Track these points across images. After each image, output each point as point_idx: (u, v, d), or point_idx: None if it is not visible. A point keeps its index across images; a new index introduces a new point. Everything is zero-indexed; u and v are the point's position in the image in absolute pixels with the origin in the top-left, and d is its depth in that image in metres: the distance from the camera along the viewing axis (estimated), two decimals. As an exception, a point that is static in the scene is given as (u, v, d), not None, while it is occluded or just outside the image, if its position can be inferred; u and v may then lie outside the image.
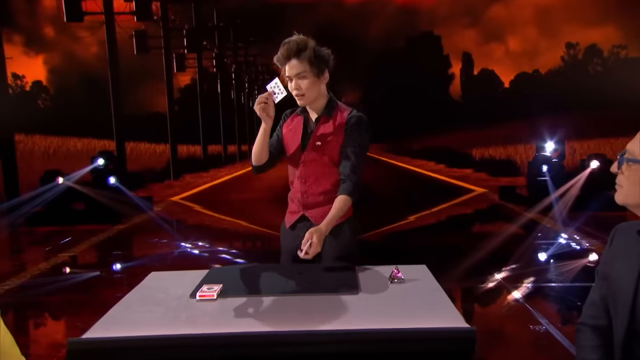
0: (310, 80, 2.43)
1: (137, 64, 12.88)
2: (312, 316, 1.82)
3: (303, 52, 2.39)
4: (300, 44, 2.40)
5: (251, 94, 16.00)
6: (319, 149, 2.47)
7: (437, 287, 2.12)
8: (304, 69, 2.41)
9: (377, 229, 7.66)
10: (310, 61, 2.40)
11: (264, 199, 10.50)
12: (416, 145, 14.54)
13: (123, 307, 1.97)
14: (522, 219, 8.08)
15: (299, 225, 2.57)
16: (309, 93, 2.44)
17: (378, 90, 14.46)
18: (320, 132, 2.48)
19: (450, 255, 5.86)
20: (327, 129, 2.48)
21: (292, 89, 2.44)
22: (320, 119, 2.50)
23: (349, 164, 2.43)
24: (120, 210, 8.75)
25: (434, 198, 10.75)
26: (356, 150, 2.44)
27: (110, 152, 10.08)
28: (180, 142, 13.73)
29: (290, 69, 2.41)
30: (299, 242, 2.51)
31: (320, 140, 2.47)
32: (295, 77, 2.42)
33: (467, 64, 14.44)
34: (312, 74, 2.42)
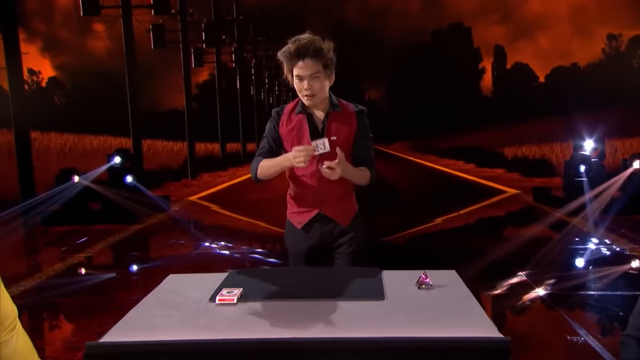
0: (322, 82, 2.47)
1: (155, 59, 13.03)
2: (336, 323, 1.82)
3: (319, 54, 2.42)
4: (317, 44, 2.41)
5: (271, 89, 16.06)
6: (335, 143, 2.49)
7: (468, 293, 2.10)
8: (318, 70, 2.44)
9: (402, 231, 7.62)
10: (326, 63, 2.45)
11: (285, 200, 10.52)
12: (444, 143, 14.43)
13: (141, 311, 1.99)
14: (557, 222, 7.96)
15: (314, 225, 2.60)
16: (319, 94, 2.49)
17: (403, 86, 14.38)
18: (334, 126, 2.54)
19: (480, 259, 5.80)
20: (341, 123, 2.54)
21: (301, 88, 2.46)
22: (330, 114, 2.55)
23: (366, 152, 2.56)
24: (136, 210, 8.85)
25: (463, 199, 10.65)
26: (369, 142, 2.58)
27: (126, 150, 10.21)
28: (197, 139, 13.84)
29: (303, 69, 2.43)
30: (317, 242, 2.56)
31: (335, 134, 2.52)
32: (307, 77, 2.44)
33: (499, 57, 14.26)
34: (324, 75, 2.47)
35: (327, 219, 2.59)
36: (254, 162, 2.57)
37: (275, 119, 2.61)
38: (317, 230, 2.60)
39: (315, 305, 1.97)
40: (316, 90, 2.46)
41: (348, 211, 2.62)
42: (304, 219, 2.62)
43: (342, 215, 2.60)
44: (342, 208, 2.59)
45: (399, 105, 13.71)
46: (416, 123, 13.75)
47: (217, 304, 2.01)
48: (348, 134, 2.53)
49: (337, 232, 2.60)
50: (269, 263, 6.26)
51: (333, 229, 2.60)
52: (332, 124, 2.54)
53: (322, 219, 2.59)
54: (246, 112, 15.12)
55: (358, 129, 2.54)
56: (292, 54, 2.42)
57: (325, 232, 2.60)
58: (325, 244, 2.62)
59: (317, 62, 2.41)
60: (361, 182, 2.56)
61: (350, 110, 2.57)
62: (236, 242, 7.41)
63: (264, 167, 2.52)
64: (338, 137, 2.51)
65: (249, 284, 2.17)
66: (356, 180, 2.54)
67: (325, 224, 2.60)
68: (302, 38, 2.42)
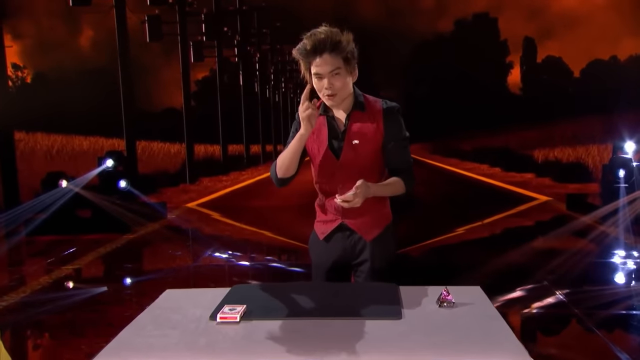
0: (344, 79, 2.43)
1: (150, 53, 13.11)
2: (348, 344, 1.81)
3: (338, 47, 2.38)
4: (335, 38, 2.38)
5: (277, 86, 16.11)
6: (357, 148, 2.48)
7: (494, 312, 2.09)
8: (338, 66, 2.40)
9: (420, 242, 7.59)
10: (346, 57, 2.40)
11: (292, 207, 10.52)
12: (467, 145, 14.39)
13: (135, 330, 2.00)
14: (594, 233, 7.91)
15: (335, 236, 2.59)
16: (342, 92, 2.45)
17: (421, 82, 14.37)
18: (355, 129, 2.49)
19: (508, 274, 5.77)
20: (364, 124, 2.49)
21: (321, 87, 2.43)
22: (352, 114, 2.51)
23: (400, 158, 2.51)
24: (130, 218, 8.89)
25: (488, 207, 10.61)
26: (404, 143, 2.52)
27: (119, 152, 10.25)
28: (197, 141, 13.89)
29: (321, 65, 2.39)
30: (338, 256, 2.55)
31: (357, 137, 2.48)
32: (327, 75, 2.41)
33: (529, 50, 14.20)
34: (346, 71, 2.42)
35: (350, 231, 2.56)
36: (272, 166, 2.56)
37: (299, 121, 2.60)
38: (339, 242, 2.58)
39: (326, 324, 1.97)
40: (337, 88, 2.42)
41: (375, 224, 2.57)
42: (326, 229, 2.60)
43: (366, 227, 2.56)
44: (368, 220, 2.55)
45: (417, 103, 13.69)
46: (436, 123, 13.72)
47: (218, 323, 2.01)
48: (373, 136, 2.48)
49: (361, 246, 2.56)
50: (276, 277, 6.25)
51: (356, 243, 2.57)
52: (354, 126, 2.49)
53: (344, 231, 2.57)
54: (250, 111, 15.17)
55: (386, 130, 2.48)
56: (308, 50, 2.38)
57: (348, 246, 2.57)
58: (347, 258, 2.60)
59: (337, 56, 2.38)
60: (394, 194, 2.53)
61: (377, 108, 2.50)
62: (239, 253, 7.40)
63: (280, 160, 2.50)
64: (361, 141, 2.47)
65: (253, 301, 2.17)
66: (386, 194, 2.52)
67: (347, 236, 2.57)
68: (318, 32, 2.39)
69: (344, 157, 2.49)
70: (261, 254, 7.65)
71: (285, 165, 2.49)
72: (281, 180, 2.55)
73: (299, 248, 7.50)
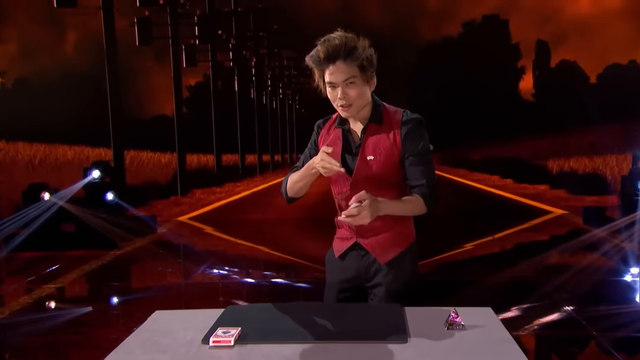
0: (360, 88, 2.42)
1: (140, 57, 13.14)
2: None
3: (353, 54, 2.37)
4: (350, 44, 2.37)
5: (275, 92, 16.13)
6: (372, 164, 2.47)
7: (506, 335, 2.08)
8: (353, 74, 2.39)
9: (427, 258, 7.58)
10: (362, 65, 2.39)
11: (290, 221, 10.51)
12: (476, 154, 14.38)
13: (122, 354, 1.99)
14: (612, 248, 7.89)
15: (350, 255, 2.58)
16: (358, 103, 2.44)
17: (428, 89, 14.40)
18: (371, 143, 2.48)
19: (520, 292, 5.75)
20: (380, 138, 2.48)
21: (335, 97, 2.43)
22: (368, 127, 2.50)
23: (420, 173, 2.45)
24: (117, 233, 8.87)
25: (499, 221, 10.62)
26: (425, 158, 2.46)
27: (106, 162, 10.27)
28: (189, 150, 13.89)
29: (335, 74, 2.38)
30: (351, 276, 2.56)
31: (372, 153, 2.47)
32: (341, 85, 2.39)
33: (542, 54, 14.24)
34: (362, 80, 2.42)
35: (365, 251, 2.55)
36: (283, 181, 2.58)
37: (315, 132, 2.63)
38: (353, 262, 2.57)
39: (326, 348, 1.96)
40: (353, 98, 2.41)
41: (391, 245, 2.54)
42: (342, 247, 2.60)
43: (382, 249, 2.53)
44: (384, 240, 2.53)
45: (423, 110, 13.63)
46: (443, 131, 13.72)
47: (210, 347, 2.00)
48: (389, 151, 2.46)
49: (375, 268, 2.55)
50: (273, 296, 6.25)
51: (370, 264, 2.55)
52: (370, 140, 2.48)
53: (359, 250, 2.56)
54: (245, 118, 15.18)
55: (404, 144, 2.45)
56: (321, 58, 2.37)
57: (362, 266, 2.56)
58: (360, 280, 2.58)
59: (352, 64, 2.37)
60: (412, 214, 2.49)
61: (396, 120, 2.49)
62: (234, 270, 7.39)
63: (291, 181, 2.52)
64: (376, 157, 2.46)
65: (248, 323, 2.16)
66: (401, 213, 2.46)
67: (362, 257, 2.56)
68: (332, 37, 2.37)
69: (357, 173, 2.48)
70: (258, 271, 7.63)
71: (296, 189, 2.52)
72: (291, 199, 2.58)
73: (298, 264, 7.50)
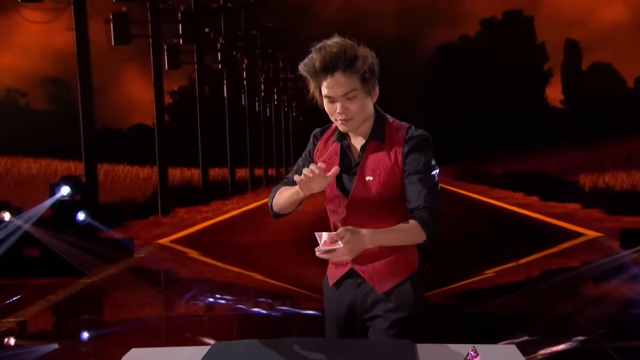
0: (361, 101, 2.43)
1: (115, 59, 13.18)
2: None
3: (354, 65, 2.38)
4: (349, 53, 2.37)
5: (269, 98, 16.18)
6: (370, 185, 2.47)
7: (534, 377, 2.05)
8: (354, 87, 2.40)
9: (442, 287, 7.56)
10: (363, 76, 2.40)
11: (286, 243, 10.51)
12: (497, 169, 14.41)
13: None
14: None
15: (345, 283, 2.60)
16: (359, 116, 2.46)
17: (442, 95, 14.43)
18: (370, 162, 2.50)
19: (549, 327, 5.73)
20: (380, 157, 2.49)
21: (333, 112, 2.44)
22: (368, 145, 2.51)
23: (418, 194, 2.41)
24: (89, 258, 8.85)
25: (524, 245, 10.60)
26: (426, 177, 2.44)
27: (76, 178, 10.26)
28: (171, 164, 13.91)
29: (334, 88, 2.39)
30: (348, 307, 2.57)
31: (371, 173, 2.48)
32: (340, 99, 2.41)
33: (572, 55, 14.29)
34: (363, 92, 2.43)
35: (362, 279, 2.56)
36: (271, 194, 2.61)
37: (311, 143, 2.64)
38: (348, 290, 2.59)
39: (326, 393, 1.93)
40: (353, 112, 2.43)
41: (390, 273, 2.55)
42: (336, 274, 2.63)
43: (379, 277, 2.55)
44: (382, 267, 2.54)
45: (437, 118, 13.73)
46: (460, 142, 13.74)
47: (192, 391, 1.98)
48: (390, 172, 2.47)
49: (373, 299, 2.56)
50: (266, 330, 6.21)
51: (367, 294, 2.57)
52: (369, 159, 2.50)
53: (355, 277, 2.58)
54: (236, 128, 15.21)
55: (405, 163, 2.45)
56: (317, 68, 2.38)
57: (358, 296, 2.58)
58: (358, 310, 2.59)
59: (352, 76, 2.38)
60: (407, 243, 2.46)
61: (399, 137, 2.50)
62: (222, 301, 7.39)
63: (277, 197, 2.56)
64: (375, 177, 2.47)
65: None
66: (393, 243, 2.43)
67: (358, 285, 2.58)
68: (328, 45, 2.38)
69: (354, 195, 2.49)
70: (249, 301, 7.59)
71: (280, 207, 2.56)
72: (277, 215, 2.61)
73: (294, 293, 7.48)
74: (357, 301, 2.58)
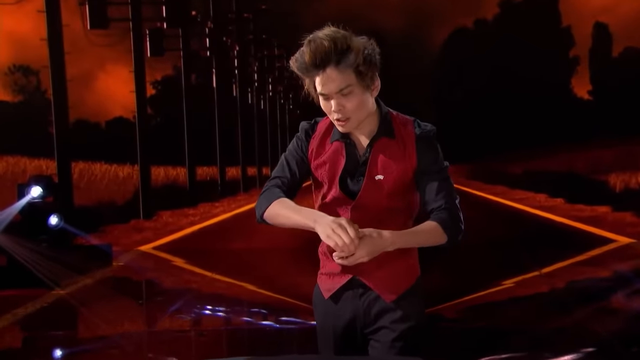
0: (359, 97, 2.44)
1: (92, 45, 13.17)
2: None
3: (347, 58, 2.39)
4: (341, 45, 2.38)
5: (263, 89, 16.18)
6: (381, 185, 2.49)
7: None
8: (349, 83, 2.42)
9: (455, 299, 7.56)
10: (358, 70, 2.41)
11: (283, 250, 10.50)
12: (517, 167, 14.43)
13: None
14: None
15: (346, 294, 2.60)
16: (357, 115, 2.47)
17: (456, 85, 14.44)
18: (380, 160, 2.52)
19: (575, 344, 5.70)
20: (391, 154, 2.52)
21: (329, 110, 2.46)
22: (377, 141, 2.53)
23: (440, 194, 2.51)
24: (62, 267, 8.83)
25: (547, 252, 10.59)
26: (444, 176, 2.54)
27: (48, 177, 10.23)
28: (154, 162, 13.90)
29: (326, 85, 2.41)
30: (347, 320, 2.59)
31: (382, 172, 2.51)
32: (335, 96, 2.42)
33: (601, 40, 14.28)
34: (360, 87, 2.44)
35: (365, 289, 2.58)
36: (266, 193, 2.58)
37: (304, 139, 2.62)
38: (348, 303, 2.60)
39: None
40: (350, 111, 2.44)
41: (398, 279, 2.59)
42: (333, 285, 2.62)
43: (387, 285, 2.57)
44: (390, 274, 2.56)
45: (450, 112, 13.74)
46: (475, 138, 13.75)
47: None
48: (403, 170, 2.52)
49: (378, 309, 2.57)
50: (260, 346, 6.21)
51: (371, 304, 2.58)
52: (379, 157, 2.53)
53: (356, 288, 2.58)
54: (227, 122, 15.21)
55: (419, 162, 2.52)
56: (307, 64, 2.40)
57: (360, 307, 2.59)
58: (359, 324, 2.60)
59: (346, 70, 2.40)
60: (430, 245, 2.51)
61: (409, 132, 2.55)
62: (211, 314, 7.37)
63: (276, 212, 2.51)
64: (386, 176, 2.51)
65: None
66: (415, 245, 2.53)
67: (360, 295, 2.59)
68: (318, 38, 2.39)
69: (362, 196, 2.51)
70: (241, 315, 7.62)
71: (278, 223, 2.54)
72: (264, 222, 2.59)
73: (291, 305, 7.46)
74: (358, 313, 2.59)
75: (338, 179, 2.52)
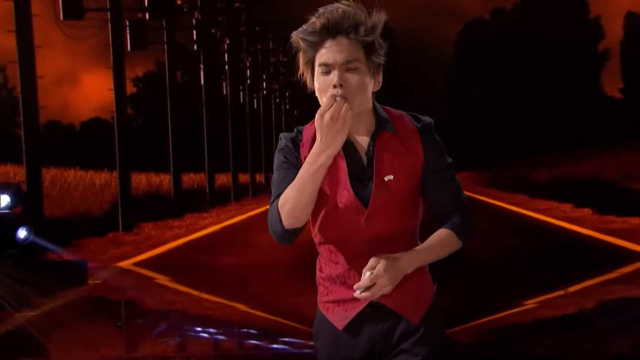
0: (363, 78, 2.42)
1: (65, 39, 13.20)
2: None
3: (360, 29, 2.39)
4: (356, 16, 2.38)
5: (256, 87, 16.18)
6: (391, 186, 2.46)
7: None
8: (356, 57, 2.41)
9: (471, 321, 7.54)
10: (370, 46, 2.41)
11: (279, 266, 10.50)
12: (540, 174, 14.48)
13: None
14: None
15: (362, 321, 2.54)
16: (357, 98, 2.42)
17: (471, 83, 14.46)
18: (387, 157, 2.49)
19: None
20: (395, 150, 2.50)
21: (328, 85, 2.41)
22: (379, 136, 2.50)
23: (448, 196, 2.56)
24: (31, 286, 8.82)
25: (572, 269, 10.58)
26: (449, 174, 2.57)
27: (16, 185, 10.25)
28: (135, 168, 13.91)
29: (334, 51, 2.40)
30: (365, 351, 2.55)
31: (390, 171, 2.48)
32: (339, 67, 2.39)
33: (634, 32, 14.28)
34: (366, 67, 2.43)
35: (386, 313, 2.53)
36: (270, 209, 2.50)
37: (292, 148, 2.55)
38: (365, 331, 2.56)
39: None
40: (352, 89, 2.40)
41: (418, 297, 2.58)
42: (346, 314, 2.56)
43: (410, 304, 2.55)
44: (409, 292, 2.53)
45: (467, 114, 13.74)
46: (493, 142, 13.77)
47: None
48: (411, 167, 2.51)
49: (400, 332, 2.54)
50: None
51: (392, 328, 2.55)
52: (384, 154, 2.50)
53: (376, 313, 2.53)
54: (215, 123, 15.23)
55: (427, 158, 2.52)
56: (316, 31, 2.40)
57: (378, 334, 2.55)
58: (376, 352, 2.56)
59: (355, 43, 2.40)
60: (446, 255, 2.56)
61: (409, 127, 2.54)
62: (197, 337, 7.34)
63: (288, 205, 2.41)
64: (396, 176, 2.48)
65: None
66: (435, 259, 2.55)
67: (377, 322, 2.55)
68: (334, 8, 2.40)
69: (374, 201, 2.46)
70: (231, 338, 7.62)
71: (299, 210, 2.42)
72: (288, 233, 2.47)
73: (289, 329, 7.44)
74: (376, 341, 2.55)
75: (349, 184, 2.47)
